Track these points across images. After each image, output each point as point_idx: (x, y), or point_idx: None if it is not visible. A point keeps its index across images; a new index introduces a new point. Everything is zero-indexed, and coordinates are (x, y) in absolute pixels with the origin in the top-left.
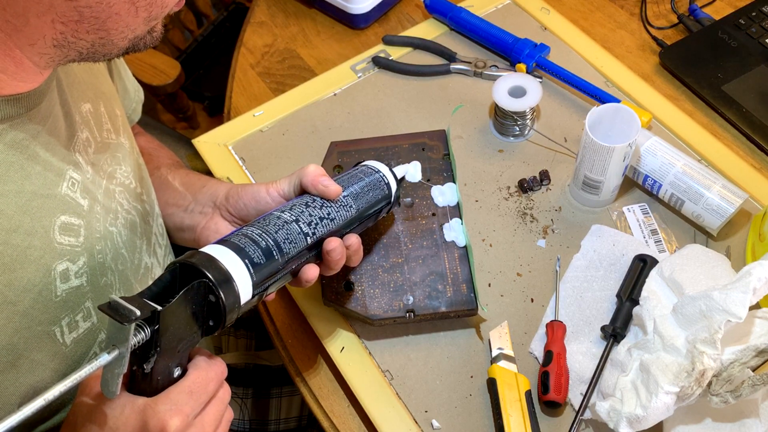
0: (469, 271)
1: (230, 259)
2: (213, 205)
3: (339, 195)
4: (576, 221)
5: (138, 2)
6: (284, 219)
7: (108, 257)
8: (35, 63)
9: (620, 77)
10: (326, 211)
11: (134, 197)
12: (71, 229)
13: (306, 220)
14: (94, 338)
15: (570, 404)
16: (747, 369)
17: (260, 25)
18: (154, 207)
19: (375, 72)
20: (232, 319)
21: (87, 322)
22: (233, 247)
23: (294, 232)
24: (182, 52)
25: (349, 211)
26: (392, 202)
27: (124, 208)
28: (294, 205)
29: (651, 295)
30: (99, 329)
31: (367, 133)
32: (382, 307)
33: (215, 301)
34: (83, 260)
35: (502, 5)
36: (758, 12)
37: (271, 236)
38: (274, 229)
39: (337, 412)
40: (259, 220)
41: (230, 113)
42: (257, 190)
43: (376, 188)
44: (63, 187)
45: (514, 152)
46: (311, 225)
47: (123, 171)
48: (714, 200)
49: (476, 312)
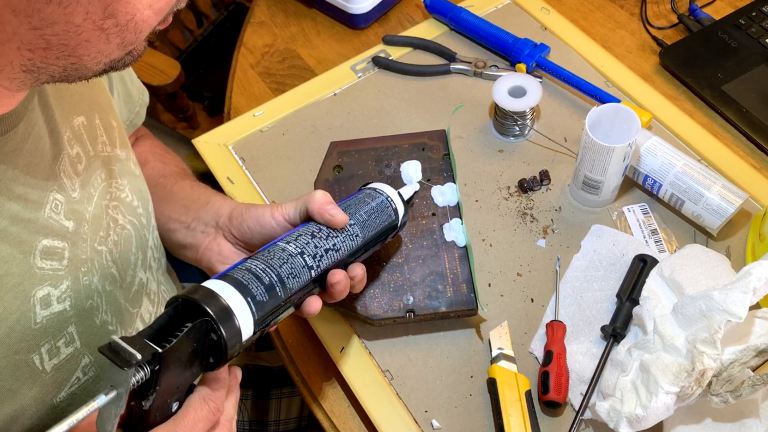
0: (469, 271)
1: (233, 296)
2: (215, 225)
3: (345, 224)
4: (576, 221)
5: (108, 30)
6: (289, 251)
7: (95, 279)
8: (6, 87)
9: (620, 77)
10: (332, 242)
11: (130, 211)
12: (54, 253)
13: (311, 252)
14: (77, 363)
15: (570, 404)
16: (747, 369)
17: (260, 25)
18: (151, 220)
19: (375, 72)
20: (233, 355)
21: (69, 348)
22: (236, 283)
23: (298, 265)
24: (182, 52)
25: (355, 241)
26: (399, 227)
27: (118, 223)
28: (300, 234)
29: (651, 295)
30: (83, 354)
31: (367, 133)
32: (382, 307)
33: (217, 339)
34: (67, 284)
35: (502, 5)
36: (758, 12)
37: (275, 271)
38: (279, 263)
39: (337, 413)
40: (263, 251)
41: (230, 113)
42: (261, 214)
43: (383, 213)
44: (46, 210)
45: (514, 152)
46: (316, 257)
47: (118, 184)
48: (714, 200)
49: (476, 312)
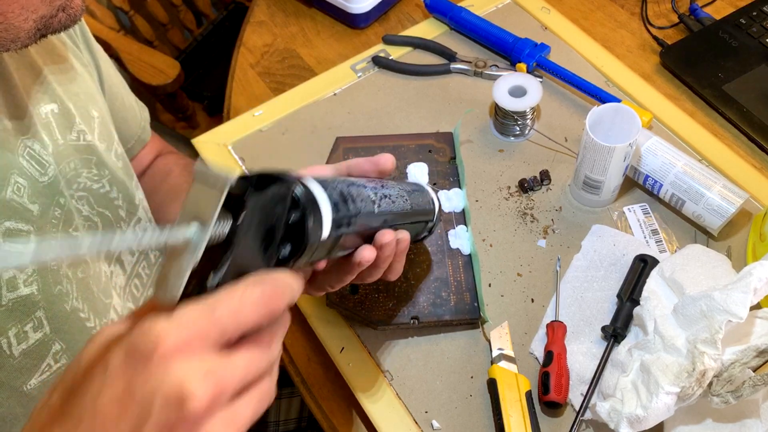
0: (473, 279)
1: (314, 186)
2: None
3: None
4: (576, 221)
5: None
6: (351, 181)
7: (64, 264)
8: None
9: (621, 77)
10: (387, 191)
11: (103, 203)
12: (18, 235)
13: (372, 188)
14: (47, 350)
15: (570, 404)
16: (748, 369)
17: (260, 24)
18: (137, 212)
19: (375, 72)
20: (311, 252)
21: (38, 333)
22: (315, 179)
23: (363, 194)
24: (182, 52)
25: (405, 203)
26: (435, 221)
27: (82, 214)
28: (355, 178)
29: (651, 295)
30: (53, 340)
31: (367, 132)
32: (386, 313)
33: (298, 220)
34: (33, 267)
35: (502, 5)
36: (759, 11)
37: (344, 186)
38: (345, 184)
39: (337, 413)
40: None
41: (230, 113)
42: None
43: (424, 196)
44: (7, 192)
45: (514, 152)
46: (377, 195)
47: (92, 174)
48: (715, 200)
49: (479, 322)
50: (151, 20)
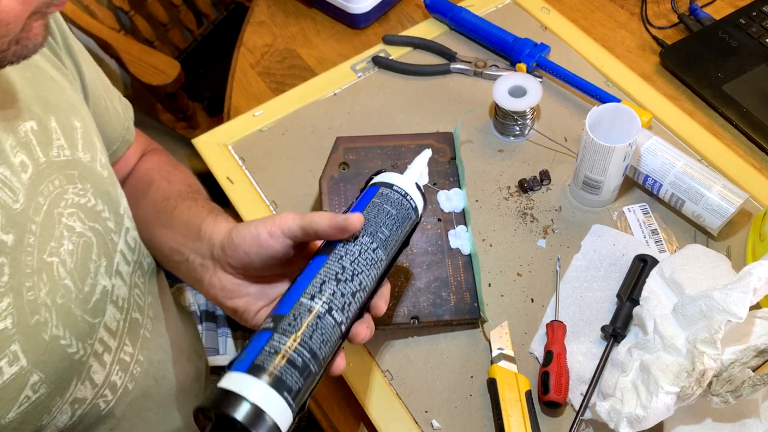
0: (473, 280)
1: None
2: (211, 256)
3: (361, 224)
4: (576, 221)
5: None
6: (317, 312)
7: (42, 292)
8: None
9: (620, 77)
10: (358, 280)
11: (92, 216)
12: None
13: (339, 304)
14: (24, 382)
15: (570, 404)
16: (747, 369)
17: (260, 24)
18: (123, 222)
19: (375, 72)
20: None
21: (14, 367)
22: (267, 376)
23: (328, 327)
24: (182, 52)
25: (380, 267)
26: (420, 217)
27: (75, 231)
28: (324, 282)
29: (651, 295)
30: (30, 372)
31: (367, 132)
32: (386, 313)
33: None
34: (8, 301)
35: (502, 5)
36: (759, 12)
37: (307, 346)
38: (309, 332)
39: (337, 413)
40: (285, 313)
41: (230, 113)
42: (257, 234)
43: (404, 220)
44: None
45: (514, 152)
46: (344, 310)
47: (78, 189)
48: (714, 200)
49: (479, 322)
50: (152, 20)
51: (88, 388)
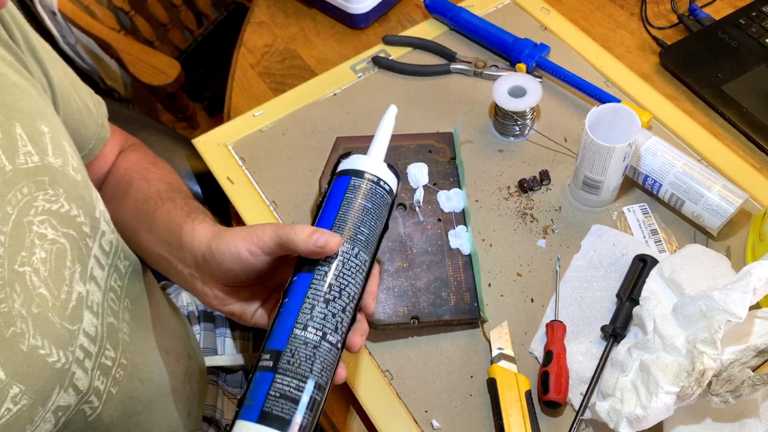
0: (473, 279)
1: None
2: (196, 266)
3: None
4: (576, 221)
5: None
6: (312, 342)
7: (16, 303)
8: None
9: (620, 77)
10: (346, 293)
11: (65, 222)
12: None
13: (332, 326)
14: (4, 395)
15: (570, 404)
16: (747, 369)
17: (260, 25)
18: (99, 225)
19: (375, 72)
20: None
21: None
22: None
23: (325, 352)
24: (182, 52)
25: (364, 269)
26: (395, 200)
27: (47, 239)
28: (314, 305)
29: (651, 295)
30: (9, 385)
31: (367, 132)
32: (386, 313)
33: None
34: None
35: (502, 5)
36: (758, 12)
37: (311, 380)
38: (308, 365)
39: (337, 413)
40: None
41: (230, 113)
42: (237, 253)
43: (380, 208)
44: None
45: (514, 152)
46: (338, 329)
47: (49, 196)
48: (714, 200)
49: (479, 321)
50: (152, 20)
51: (71, 396)
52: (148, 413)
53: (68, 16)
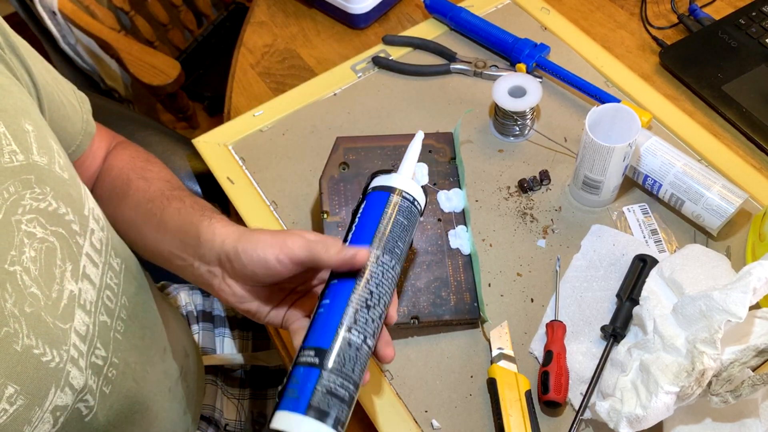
0: (473, 279)
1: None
2: (219, 263)
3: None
4: (576, 221)
5: None
6: (355, 344)
7: (8, 303)
8: None
9: (620, 77)
10: (383, 302)
11: (54, 221)
12: None
13: (371, 331)
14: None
15: (570, 404)
16: (747, 369)
17: (260, 25)
18: (88, 223)
19: (375, 72)
20: None
21: None
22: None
23: (364, 355)
24: (182, 52)
25: (396, 281)
26: (423, 210)
27: (36, 237)
28: (357, 310)
29: (651, 295)
30: (4, 385)
31: (367, 132)
32: None
33: None
34: None
35: (502, 5)
36: (758, 12)
37: (352, 380)
38: (351, 365)
39: None
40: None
41: (230, 113)
42: (264, 259)
43: (412, 225)
44: None
45: (514, 152)
46: (374, 335)
47: (36, 194)
48: (714, 200)
49: (479, 321)
50: (152, 20)
51: (68, 395)
52: (144, 412)
53: (68, 16)
